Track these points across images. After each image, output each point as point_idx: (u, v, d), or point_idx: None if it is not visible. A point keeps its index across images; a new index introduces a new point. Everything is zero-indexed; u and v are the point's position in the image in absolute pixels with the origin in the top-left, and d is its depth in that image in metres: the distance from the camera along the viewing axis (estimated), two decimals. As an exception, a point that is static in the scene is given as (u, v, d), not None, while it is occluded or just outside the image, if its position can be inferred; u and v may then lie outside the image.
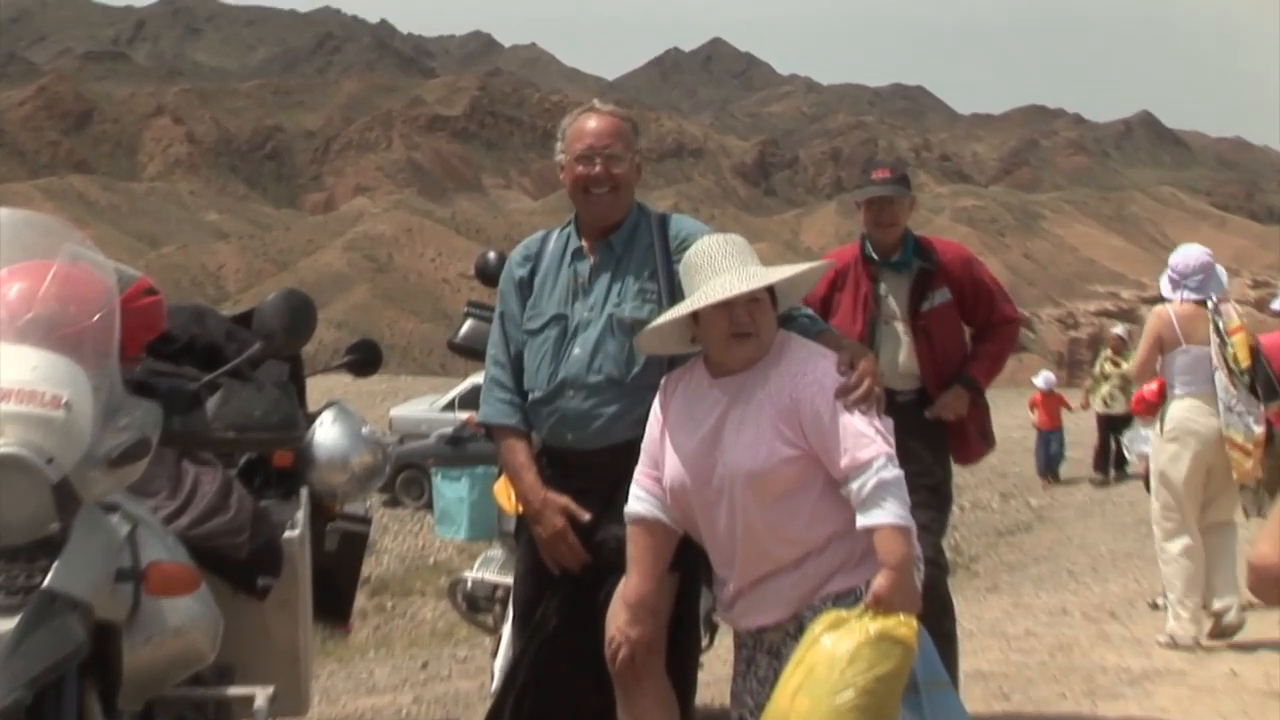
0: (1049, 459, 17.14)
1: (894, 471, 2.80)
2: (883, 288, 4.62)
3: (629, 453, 3.20)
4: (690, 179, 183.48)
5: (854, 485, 2.80)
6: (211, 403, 2.86)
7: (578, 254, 3.46)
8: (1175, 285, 6.24)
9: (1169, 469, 6.23)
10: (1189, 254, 6.28)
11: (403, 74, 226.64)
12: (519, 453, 3.42)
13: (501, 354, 3.51)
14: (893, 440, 2.86)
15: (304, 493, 3.67)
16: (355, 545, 4.03)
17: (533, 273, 3.51)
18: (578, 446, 3.36)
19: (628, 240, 3.43)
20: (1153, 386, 6.51)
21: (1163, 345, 6.22)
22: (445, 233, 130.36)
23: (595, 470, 3.34)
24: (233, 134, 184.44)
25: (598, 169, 3.37)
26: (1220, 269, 6.28)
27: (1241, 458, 6.00)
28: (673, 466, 3.02)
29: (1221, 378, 6.02)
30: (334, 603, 3.93)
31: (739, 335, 2.93)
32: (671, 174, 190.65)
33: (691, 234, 3.37)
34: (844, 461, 2.81)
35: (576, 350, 3.37)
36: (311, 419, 3.69)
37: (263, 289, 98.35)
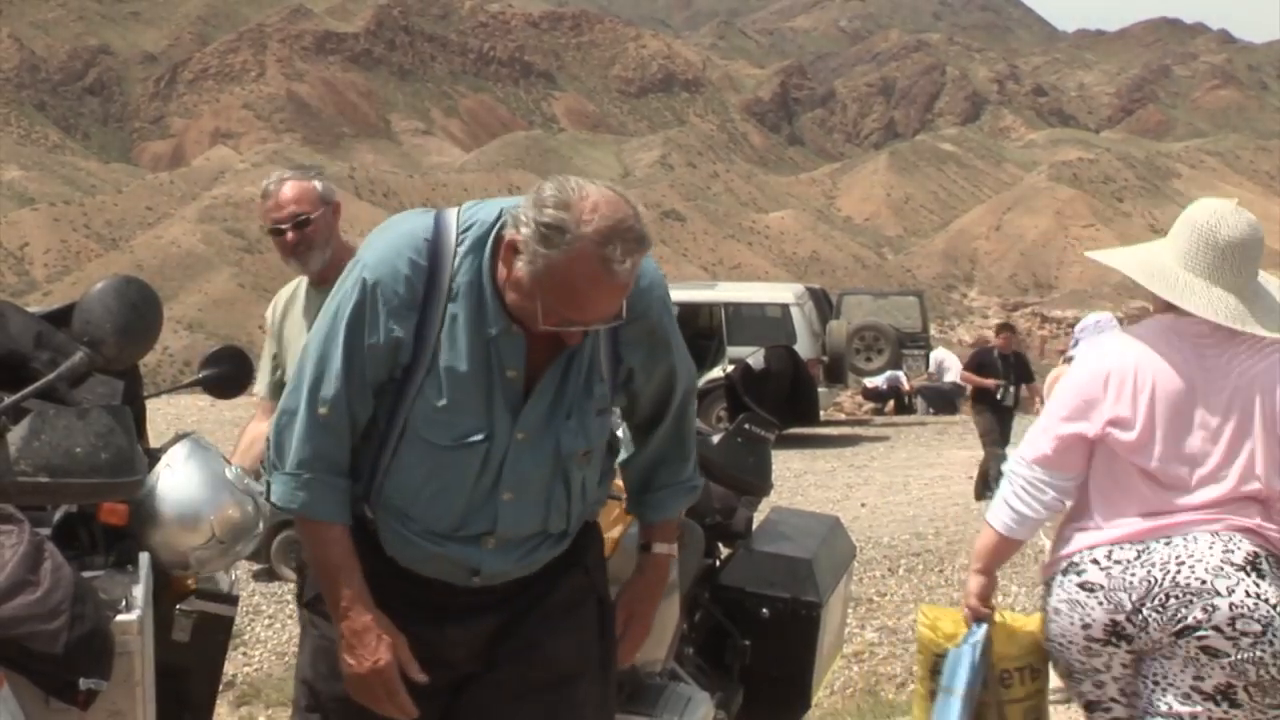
0: None
1: None
2: None
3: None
4: (684, 121, 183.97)
5: None
6: (15, 435, 2.86)
7: (504, 328, 2.98)
8: None
9: None
10: (1105, 318, 7.96)
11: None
12: (338, 544, 3.12)
13: (341, 400, 3.03)
14: None
15: (144, 561, 3.67)
16: (215, 634, 4.03)
17: (425, 310, 2.99)
18: (476, 585, 3.17)
19: None
20: None
21: None
22: (341, 197, 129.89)
23: (484, 598, 3.20)
24: (40, 58, 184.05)
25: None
26: None
27: None
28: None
29: None
30: (185, 713, 3.93)
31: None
32: (657, 115, 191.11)
33: (652, 281, 3.07)
34: None
35: (506, 495, 3.07)
36: (155, 458, 3.70)
37: (85, 276, 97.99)
